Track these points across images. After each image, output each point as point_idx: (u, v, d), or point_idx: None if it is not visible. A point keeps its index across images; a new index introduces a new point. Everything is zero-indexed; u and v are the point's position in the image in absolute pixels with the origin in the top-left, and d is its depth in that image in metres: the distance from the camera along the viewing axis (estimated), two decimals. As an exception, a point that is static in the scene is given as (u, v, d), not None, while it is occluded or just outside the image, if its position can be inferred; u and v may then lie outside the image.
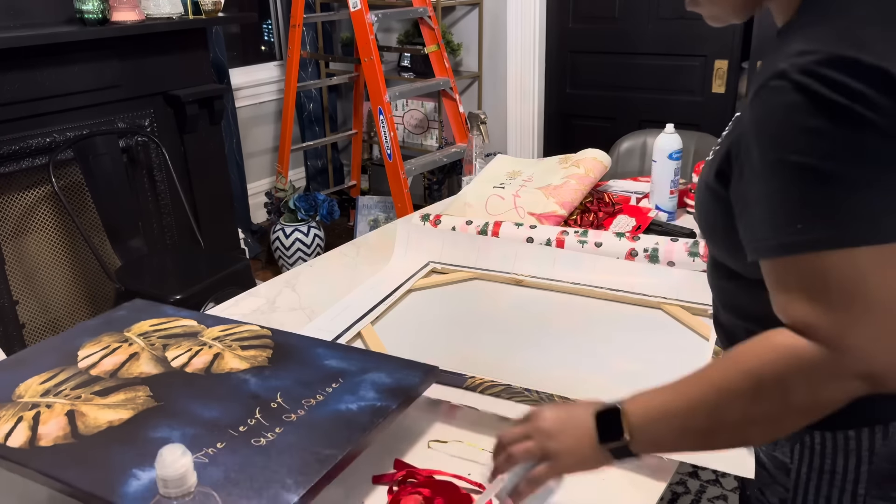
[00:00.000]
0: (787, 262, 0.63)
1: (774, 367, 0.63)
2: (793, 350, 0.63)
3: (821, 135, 0.60)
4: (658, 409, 0.70)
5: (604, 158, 1.73)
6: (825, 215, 0.60)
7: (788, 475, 0.81)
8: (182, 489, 0.59)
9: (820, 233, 0.61)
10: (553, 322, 1.24)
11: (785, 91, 0.61)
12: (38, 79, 2.35)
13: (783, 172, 0.62)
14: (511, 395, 0.99)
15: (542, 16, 3.35)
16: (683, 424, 0.68)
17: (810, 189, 0.61)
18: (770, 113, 0.63)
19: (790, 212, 0.62)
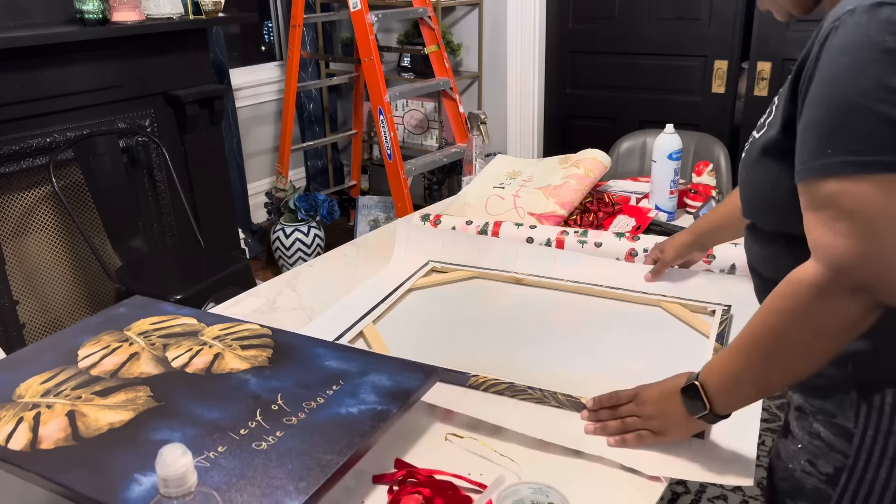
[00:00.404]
0: (815, 184, 0.70)
1: (793, 296, 0.72)
2: (804, 275, 0.72)
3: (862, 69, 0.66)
4: (725, 373, 0.82)
5: (604, 158, 1.73)
6: (845, 143, 0.67)
7: (850, 441, 0.80)
8: (182, 489, 0.59)
9: (845, 157, 0.67)
10: (553, 320, 1.24)
11: (849, 24, 0.67)
12: (39, 79, 2.35)
13: (829, 104, 0.68)
14: (514, 393, 1.00)
15: (542, 16, 3.36)
16: (749, 377, 0.79)
17: (845, 119, 0.67)
18: (835, 51, 0.68)
19: (827, 139, 0.68)
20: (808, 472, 0.85)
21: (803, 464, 0.85)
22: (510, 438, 0.94)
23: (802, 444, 0.85)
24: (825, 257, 0.70)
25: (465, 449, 0.92)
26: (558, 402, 0.98)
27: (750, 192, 0.86)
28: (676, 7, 3.05)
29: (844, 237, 0.68)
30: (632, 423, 0.90)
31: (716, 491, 1.95)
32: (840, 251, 0.68)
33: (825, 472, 0.83)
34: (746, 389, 0.81)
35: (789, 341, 0.74)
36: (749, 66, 2.95)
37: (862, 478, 0.80)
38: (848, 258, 0.68)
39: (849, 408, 0.80)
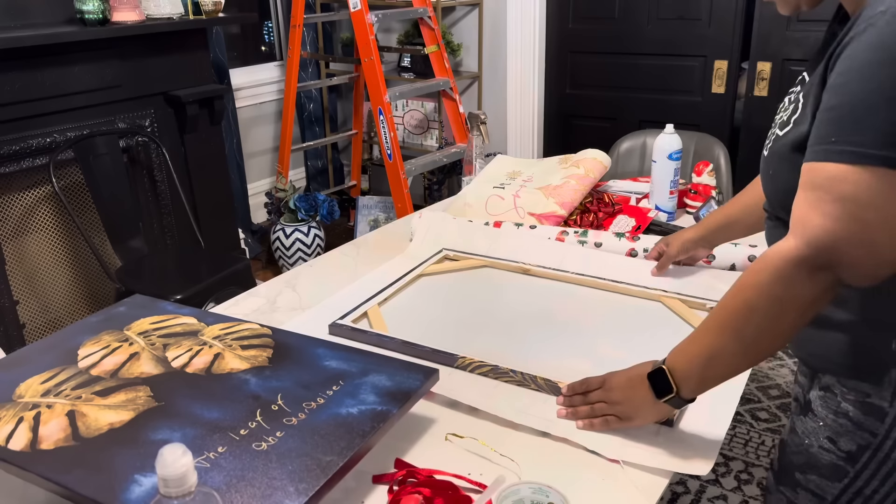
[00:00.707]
0: (816, 167, 0.73)
1: (769, 270, 0.77)
2: (781, 250, 0.76)
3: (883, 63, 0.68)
4: (695, 354, 0.85)
5: (604, 159, 1.73)
6: (851, 132, 0.70)
7: (883, 420, 0.81)
8: (182, 489, 0.59)
9: (846, 147, 0.70)
10: (553, 311, 1.26)
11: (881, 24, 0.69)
12: (39, 79, 2.36)
13: (843, 93, 0.71)
14: (497, 375, 1.05)
15: (542, 16, 3.36)
16: (720, 356, 0.82)
17: (856, 111, 0.70)
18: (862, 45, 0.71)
19: (834, 126, 0.72)
20: (826, 449, 0.86)
21: (822, 440, 0.86)
22: (510, 438, 0.94)
23: (825, 422, 0.86)
24: (806, 234, 0.73)
25: (465, 449, 0.92)
26: (537, 385, 1.02)
27: (777, 186, 0.87)
28: (676, 7, 3.05)
29: (830, 218, 0.72)
30: (599, 408, 0.93)
31: (716, 491, 1.95)
32: (823, 230, 0.72)
33: (847, 449, 0.84)
34: (716, 369, 0.84)
35: (761, 315, 0.78)
36: (749, 66, 2.95)
37: (888, 455, 0.81)
38: (828, 238, 0.72)
39: (887, 387, 0.81)
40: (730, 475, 2.01)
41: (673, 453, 0.89)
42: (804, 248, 0.74)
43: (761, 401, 2.34)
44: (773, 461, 0.96)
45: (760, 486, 1.95)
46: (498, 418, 0.97)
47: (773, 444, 2.13)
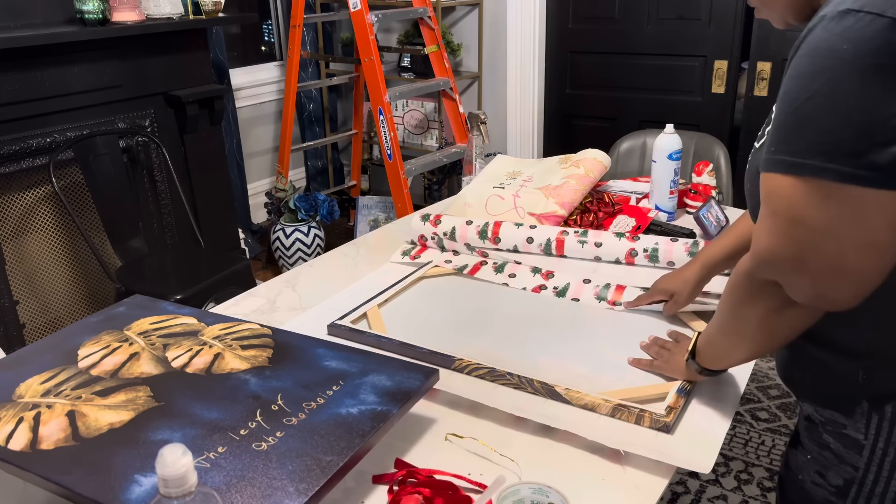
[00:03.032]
0: (762, 178, 0.72)
1: (732, 279, 0.81)
2: (741, 262, 0.78)
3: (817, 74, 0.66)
4: (707, 334, 0.93)
5: (604, 159, 1.73)
6: (785, 142, 0.68)
7: (861, 453, 0.79)
8: (182, 489, 0.59)
9: (780, 157, 0.69)
10: (554, 313, 1.26)
11: (818, 29, 0.68)
12: (39, 79, 2.35)
13: (783, 102, 0.70)
14: (494, 377, 1.04)
15: (542, 16, 3.35)
16: (714, 340, 0.91)
17: (791, 120, 0.68)
18: (803, 51, 0.69)
19: (774, 135, 0.70)
20: (818, 484, 0.84)
21: (813, 475, 0.85)
22: (510, 438, 0.94)
23: (812, 454, 0.85)
24: (753, 248, 0.73)
25: (465, 449, 0.92)
26: (534, 388, 1.02)
27: (753, 202, 0.85)
28: (676, 7, 3.05)
29: (766, 233, 0.71)
30: (654, 351, 1.08)
31: (716, 491, 1.95)
32: (762, 246, 0.72)
33: (835, 483, 0.82)
34: (712, 352, 0.93)
35: (729, 318, 0.84)
36: (749, 66, 2.95)
37: (872, 490, 0.79)
38: (765, 254, 0.71)
39: (859, 419, 0.79)
40: (730, 475, 2.01)
41: (675, 450, 0.89)
42: (751, 265, 0.74)
43: (761, 401, 2.34)
44: (763, 486, 0.96)
45: (760, 487, 1.95)
46: (498, 419, 0.97)
47: (774, 445, 2.13)
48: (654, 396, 1.00)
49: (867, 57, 0.63)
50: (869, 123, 0.63)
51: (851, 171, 0.64)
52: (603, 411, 0.96)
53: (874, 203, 0.64)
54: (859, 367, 0.77)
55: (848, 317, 0.74)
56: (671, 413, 0.94)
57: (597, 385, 1.02)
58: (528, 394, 1.01)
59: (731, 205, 2.07)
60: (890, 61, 0.62)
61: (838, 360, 0.79)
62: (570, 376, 1.05)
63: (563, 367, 1.08)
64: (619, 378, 1.05)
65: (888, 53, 0.62)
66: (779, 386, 2.41)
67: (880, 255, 0.67)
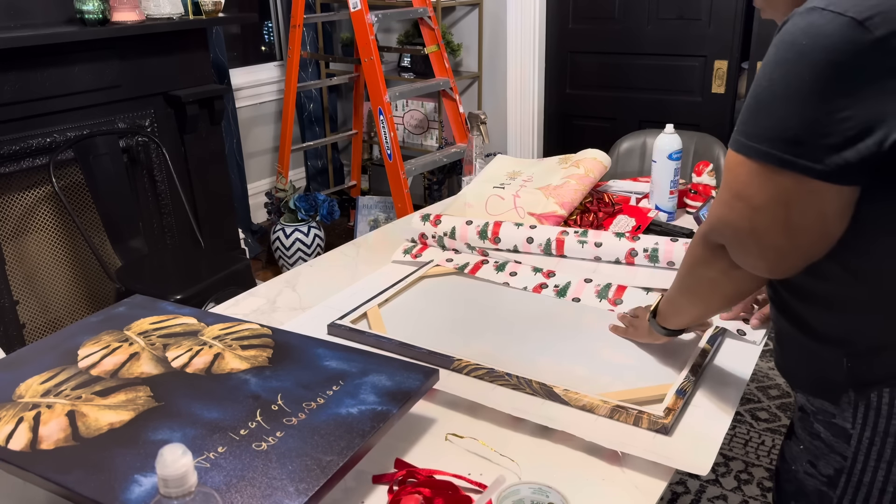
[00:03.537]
0: (729, 155, 0.77)
1: (692, 242, 0.88)
2: (700, 227, 0.85)
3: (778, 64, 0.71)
4: (668, 295, 1.00)
5: (604, 159, 1.73)
6: (743, 124, 0.74)
7: (848, 442, 0.79)
8: (182, 489, 0.59)
9: (737, 136, 0.75)
10: (554, 314, 1.25)
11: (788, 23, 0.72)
12: (39, 79, 2.35)
13: (752, 87, 0.75)
14: (493, 378, 1.04)
15: (542, 16, 3.36)
16: (673, 299, 0.98)
17: (751, 103, 0.74)
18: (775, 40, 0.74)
19: (740, 115, 0.76)
20: (810, 474, 0.84)
21: (805, 465, 0.85)
22: (510, 438, 0.94)
23: (805, 444, 0.85)
24: (708, 215, 0.81)
25: (465, 449, 0.92)
26: (532, 389, 1.01)
27: None
28: (676, 7, 3.05)
29: (721, 204, 0.78)
30: (626, 320, 1.15)
31: (716, 491, 1.95)
32: (714, 214, 0.79)
33: (826, 473, 0.82)
34: (674, 311, 0.99)
35: (688, 277, 0.91)
36: (749, 66, 2.95)
37: (860, 480, 0.79)
38: (715, 220, 0.79)
39: (846, 407, 0.79)
40: (730, 475, 2.01)
41: (673, 452, 0.89)
42: (706, 229, 0.82)
43: (761, 401, 2.34)
44: (763, 486, 0.96)
45: (760, 487, 1.95)
46: (498, 419, 0.97)
47: (774, 444, 2.13)
48: (653, 398, 1.00)
49: (823, 53, 0.66)
50: (816, 117, 0.67)
51: (791, 160, 0.69)
52: (601, 412, 0.96)
53: (809, 191, 0.70)
54: (843, 354, 0.78)
55: (830, 305, 0.77)
56: (669, 415, 0.94)
57: (595, 386, 1.02)
58: (526, 394, 1.01)
59: (731, 205, 2.07)
60: (844, 59, 0.65)
61: (824, 348, 0.80)
62: (569, 377, 1.05)
63: (561, 368, 1.08)
64: (618, 379, 1.05)
65: (843, 52, 0.65)
66: (779, 386, 2.41)
67: (814, 238, 0.73)
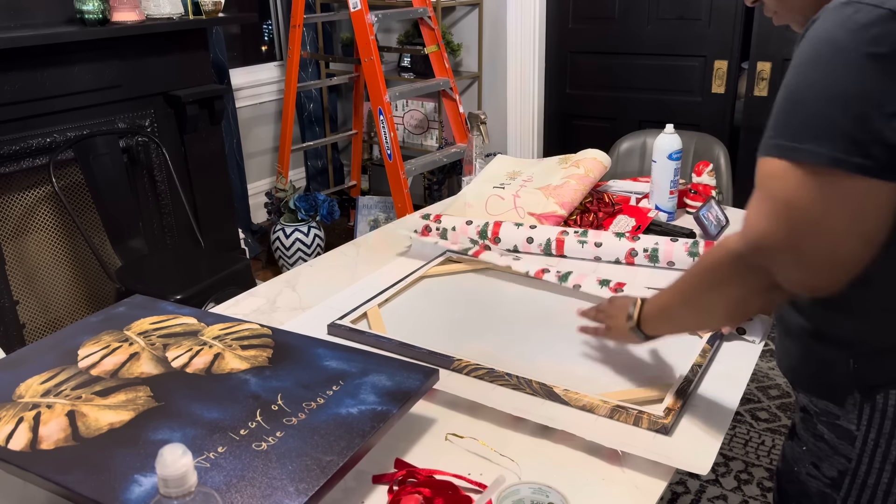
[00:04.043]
0: (758, 162, 0.73)
1: (714, 257, 0.80)
2: (727, 242, 0.77)
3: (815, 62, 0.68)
4: (658, 301, 0.93)
5: (604, 159, 1.73)
6: (783, 127, 0.69)
7: (853, 444, 0.79)
8: (182, 489, 0.59)
9: (777, 140, 0.69)
10: (555, 314, 1.26)
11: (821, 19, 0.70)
12: (39, 79, 2.35)
13: (782, 88, 0.71)
14: (493, 378, 1.04)
15: (542, 16, 3.35)
16: (671, 312, 0.92)
17: (788, 106, 0.70)
18: (804, 41, 0.72)
19: (771, 121, 0.71)
20: (813, 476, 0.84)
21: (808, 467, 0.85)
22: (510, 438, 0.94)
23: (807, 446, 0.85)
24: (744, 231, 0.73)
25: (465, 449, 0.92)
26: (532, 389, 1.01)
27: None
28: (676, 7, 3.05)
29: (764, 218, 0.70)
30: (600, 317, 1.06)
31: (716, 491, 1.95)
32: (757, 230, 0.71)
33: (829, 475, 0.82)
34: (664, 317, 0.93)
35: (702, 292, 0.84)
36: (749, 66, 2.95)
37: (864, 482, 0.79)
38: (758, 238, 0.71)
39: (851, 409, 0.79)
40: (730, 475, 2.01)
41: (673, 451, 0.89)
42: (741, 247, 0.73)
43: (761, 401, 2.34)
44: (763, 486, 0.95)
45: (760, 487, 1.95)
46: (498, 419, 0.97)
47: (774, 444, 2.13)
48: (653, 398, 1.00)
49: (864, 45, 0.64)
50: (864, 110, 0.64)
51: (843, 157, 0.65)
52: (601, 412, 0.96)
53: (865, 191, 0.65)
54: (849, 356, 0.78)
55: (836, 306, 0.75)
56: (669, 415, 0.94)
57: (595, 386, 1.02)
58: (526, 394, 1.01)
59: (731, 205, 2.07)
60: (886, 51, 0.64)
61: (830, 349, 0.80)
62: (569, 377, 1.05)
63: (562, 368, 1.08)
64: (618, 379, 1.05)
65: (885, 43, 0.64)
66: (779, 386, 2.41)
67: (868, 243, 0.67)
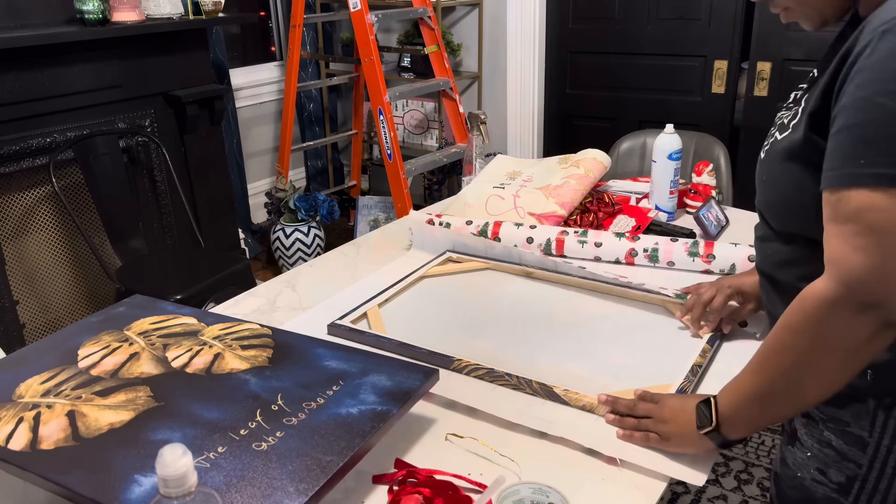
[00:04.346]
0: (841, 195, 0.67)
1: (803, 312, 0.70)
2: (815, 291, 0.69)
3: None
4: (738, 391, 0.80)
5: (604, 159, 1.73)
6: (880, 154, 0.64)
7: (864, 450, 0.79)
8: (182, 489, 0.59)
9: (878, 169, 0.64)
10: (555, 314, 1.25)
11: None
12: (38, 79, 2.35)
13: (868, 109, 0.65)
14: (493, 378, 1.04)
15: (542, 16, 3.35)
16: (759, 396, 0.78)
17: (884, 131, 0.64)
18: (882, 55, 0.65)
19: (860, 146, 0.65)
20: (819, 482, 0.83)
21: (813, 472, 0.84)
22: (510, 438, 0.94)
23: (812, 452, 0.84)
24: (839, 272, 0.67)
25: (465, 449, 0.92)
26: (532, 389, 1.01)
27: (770, 194, 0.84)
28: (676, 7, 3.04)
29: (863, 252, 0.65)
30: (646, 423, 0.90)
31: (716, 491, 1.95)
32: (856, 266, 0.66)
33: (837, 480, 0.82)
34: (755, 410, 0.79)
35: (799, 359, 0.72)
36: (749, 66, 2.95)
37: (875, 487, 0.79)
38: (864, 274, 0.65)
39: (864, 417, 0.79)
40: (730, 475, 2.01)
41: (670, 458, 0.88)
42: (841, 289, 0.67)
43: (761, 401, 2.34)
44: (771, 497, 0.93)
45: (760, 487, 1.95)
46: (498, 419, 0.97)
47: (774, 444, 2.13)
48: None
49: None
50: None
51: None
52: (601, 412, 0.96)
53: None
54: (868, 367, 0.76)
55: None
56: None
57: (595, 386, 1.02)
58: (526, 395, 1.01)
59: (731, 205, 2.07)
60: None
61: None
62: (569, 377, 1.05)
63: (562, 368, 1.08)
64: (618, 379, 1.05)
65: None
66: (779, 386, 2.41)
67: None
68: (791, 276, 0.85)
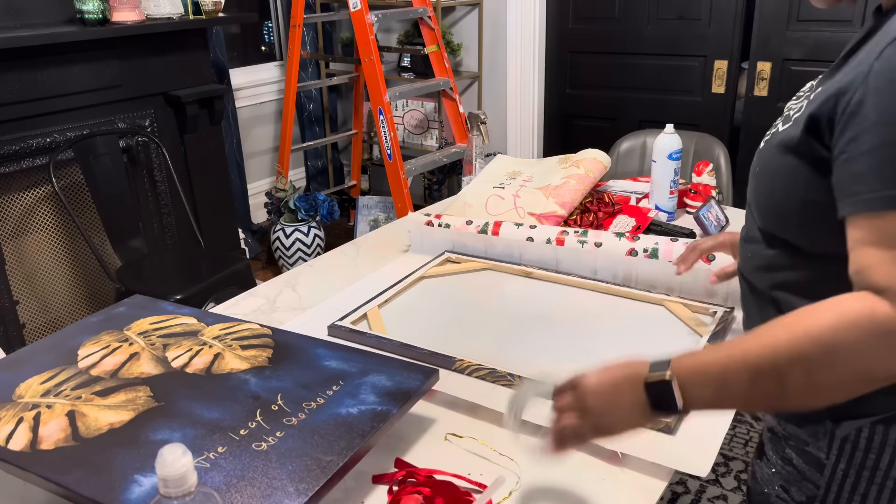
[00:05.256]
0: (880, 218, 0.62)
1: (850, 332, 0.62)
2: (872, 314, 0.61)
3: None
4: (716, 375, 0.68)
5: (604, 158, 1.73)
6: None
7: (822, 472, 0.78)
8: (182, 489, 0.59)
9: None
10: (555, 314, 1.26)
11: None
12: (38, 79, 2.35)
13: (881, 135, 0.61)
14: (495, 378, 1.04)
15: (542, 16, 3.35)
16: (745, 390, 0.67)
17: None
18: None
19: (887, 170, 0.61)
20: (783, 499, 0.83)
21: (777, 489, 0.84)
22: (510, 438, 0.94)
23: (776, 468, 0.84)
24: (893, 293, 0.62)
25: (465, 449, 0.92)
26: None
27: (760, 185, 0.82)
28: (676, 7, 3.04)
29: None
30: (570, 426, 0.74)
31: (716, 491, 1.95)
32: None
33: (798, 500, 0.81)
34: (736, 401, 0.72)
35: (824, 376, 0.64)
36: (749, 66, 2.95)
37: None
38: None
39: (822, 437, 0.78)
40: (730, 475, 2.01)
41: (672, 452, 0.89)
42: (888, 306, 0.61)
43: (761, 401, 2.34)
44: None
45: (760, 486, 1.95)
46: (497, 419, 0.97)
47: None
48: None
49: None
50: None
51: None
52: None
53: None
54: None
55: None
56: (671, 413, 0.94)
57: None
58: None
59: (731, 205, 2.07)
60: None
61: None
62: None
63: (562, 368, 1.08)
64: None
65: None
66: (779, 386, 2.41)
67: None
68: (767, 281, 0.82)
